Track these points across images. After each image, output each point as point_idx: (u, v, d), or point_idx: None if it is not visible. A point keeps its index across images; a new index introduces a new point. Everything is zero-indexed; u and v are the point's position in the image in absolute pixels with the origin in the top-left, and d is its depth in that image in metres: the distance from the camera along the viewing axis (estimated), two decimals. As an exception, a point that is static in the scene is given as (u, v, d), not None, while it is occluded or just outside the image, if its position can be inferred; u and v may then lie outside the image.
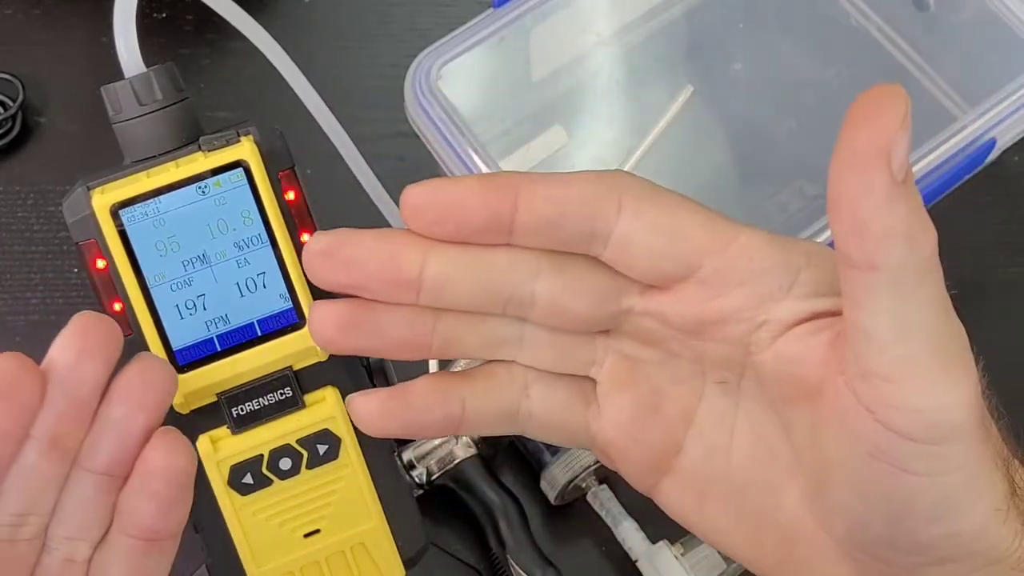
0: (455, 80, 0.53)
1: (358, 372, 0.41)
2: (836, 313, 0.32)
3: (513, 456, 0.54)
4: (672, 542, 0.50)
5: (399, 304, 0.34)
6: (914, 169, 0.51)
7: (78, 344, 0.33)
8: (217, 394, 0.39)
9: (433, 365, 0.54)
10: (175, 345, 0.38)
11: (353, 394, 0.36)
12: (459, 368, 0.50)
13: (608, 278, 0.34)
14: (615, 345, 0.36)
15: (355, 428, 0.40)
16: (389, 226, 0.54)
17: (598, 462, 0.51)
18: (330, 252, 0.34)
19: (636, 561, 0.51)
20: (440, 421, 0.36)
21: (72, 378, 0.33)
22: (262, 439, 0.39)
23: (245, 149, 0.38)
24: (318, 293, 0.39)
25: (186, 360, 0.39)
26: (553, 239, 0.33)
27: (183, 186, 0.38)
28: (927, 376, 0.29)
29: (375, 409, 0.36)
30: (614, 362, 0.36)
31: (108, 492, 0.34)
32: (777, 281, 0.33)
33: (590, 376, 0.36)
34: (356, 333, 0.35)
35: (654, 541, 0.50)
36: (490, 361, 0.36)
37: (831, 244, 0.51)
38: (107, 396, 0.34)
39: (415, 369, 0.53)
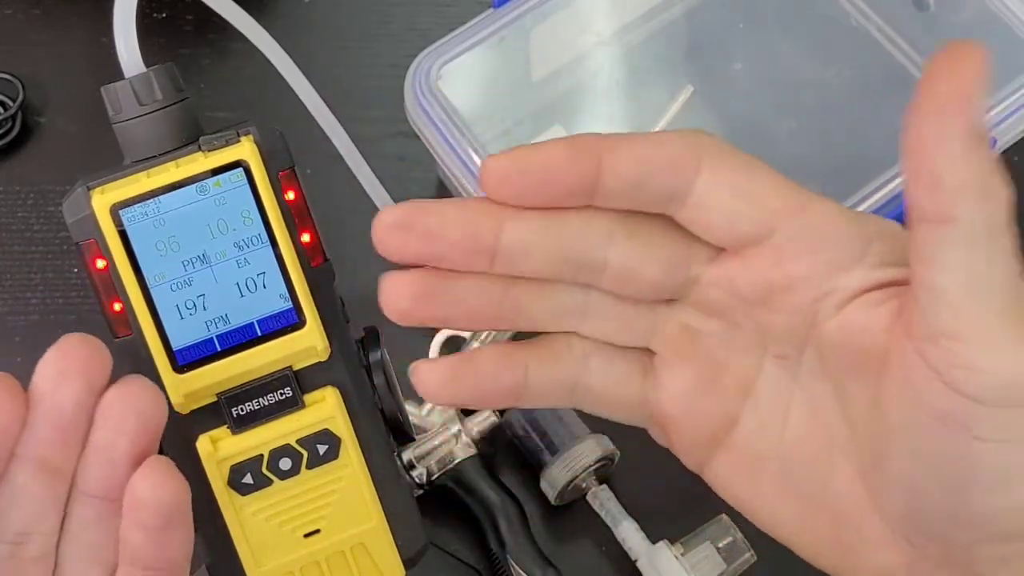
0: (455, 80, 0.53)
1: (358, 372, 0.41)
2: (903, 283, 0.32)
3: (513, 456, 0.54)
4: (672, 542, 0.50)
5: (470, 274, 0.34)
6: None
7: (59, 365, 0.33)
8: (217, 394, 0.39)
9: (434, 350, 0.54)
10: (175, 345, 0.38)
11: (417, 362, 0.36)
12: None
13: (679, 243, 0.34)
14: (677, 315, 0.35)
15: (355, 428, 0.40)
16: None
17: (598, 462, 0.51)
18: (407, 223, 0.34)
19: (636, 561, 0.51)
20: (505, 389, 0.36)
21: (52, 400, 0.33)
22: (262, 439, 0.39)
23: (245, 149, 0.38)
24: (318, 293, 0.39)
25: (186, 360, 0.39)
26: (635, 200, 0.33)
27: (183, 186, 0.38)
28: (998, 335, 0.29)
29: (443, 376, 0.35)
30: (675, 333, 0.36)
31: (110, 516, 0.34)
32: (849, 249, 0.32)
33: (649, 348, 0.36)
34: (431, 303, 0.34)
35: (654, 541, 0.50)
36: (550, 334, 0.36)
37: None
38: (94, 419, 0.34)
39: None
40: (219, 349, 0.39)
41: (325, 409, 0.40)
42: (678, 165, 0.33)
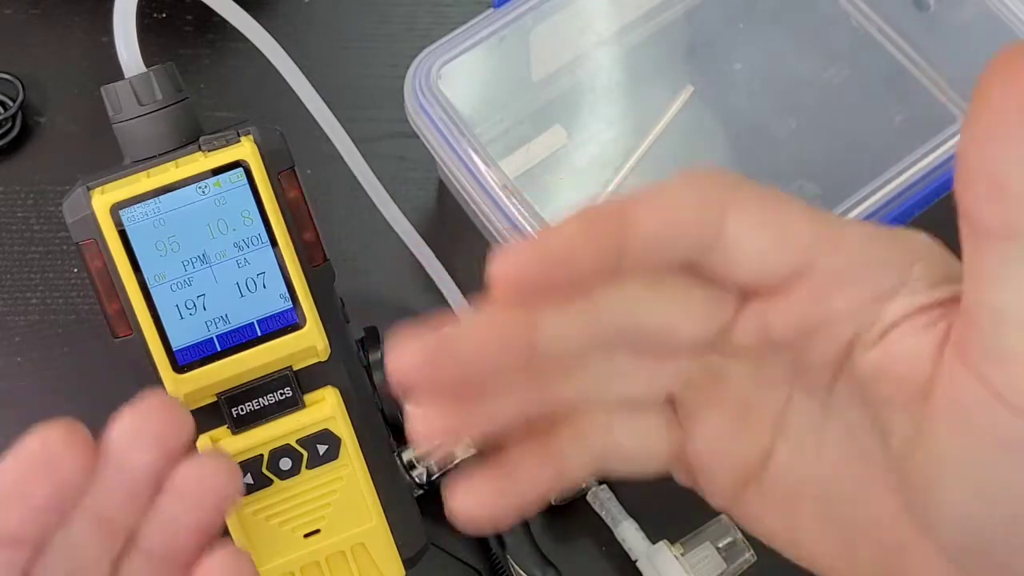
0: (455, 80, 0.53)
1: (358, 372, 0.41)
2: (949, 303, 0.30)
3: (513, 456, 0.54)
4: (672, 542, 0.50)
5: (504, 388, 0.32)
6: (915, 169, 0.51)
7: (137, 426, 0.32)
8: (217, 394, 0.39)
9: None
10: (175, 345, 0.38)
11: (456, 489, 0.33)
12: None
13: (710, 293, 0.32)
14: (702, 362, 0.34)
15: (355, 428, 0.40)
16: (386, 223, 0.54)
17: (598, 462, 0.51)
18: (434, 358, 0.30)
19: (636, 561, 0.51)
20: (545, 489, 0.33)
21: (125, 461, 0.32)
22: (262, 439, 0.39)
23: (245, 149, 0.38)
24: (318, 293, 0.40)
25: (186, 360, 0.39)
26: (663, 259, 0.31)
27: (183, 186, 0.38)
28: None
29: (484, 496, 0.33)
30: (700, 379, 0.34)
31: (163, 573, 0.34)
32: (890, 277, 0.31)
33: (671, 396, 0.35)
34: (467, 425, 0.32)
35: (654, 541, 0.50)
36: (573, 414, 0.34)
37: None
38: (166, 487, 0.33)
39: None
40: (219, 349, 0.39)
41: (325, 409, 0.40)
42: (703, 213, 0.31)
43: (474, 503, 0.32)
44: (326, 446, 0.40)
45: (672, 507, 0.53)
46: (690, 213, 0.31)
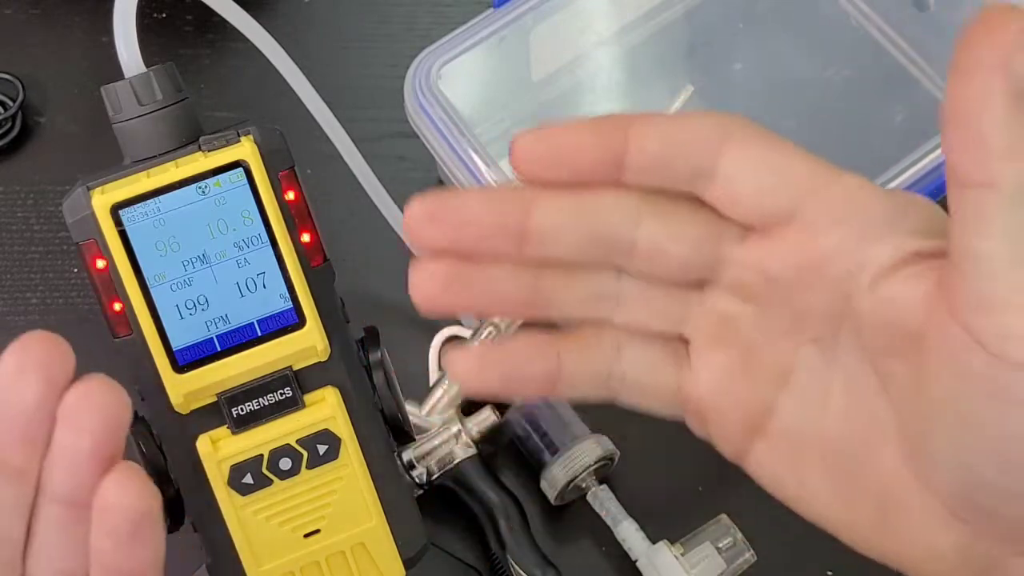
0: (455, 80, 0.53)
1: (358, 372, 0.41)
2: (940, 255, 0.31)
3: (513, 456, 0.54)
4: (672, 542, 0.50)
5: (499, 262, 0.34)
6: (915, 169, 0.52)
7: (18, 362, 0.33)
8: (217, 394, 0.39)
9: (434, 350, 0.54)
10: (175, 345, 0.38)
11: (450, 349, 0.36)
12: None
13: (708, 222, 0.34)
14: (709, 301, 0.35)
15: (355, 428, 0.40)
16: (386, 223, 0.55)
17: (598, 462, 0.51)
18: (436, 214, 0.33)
19: (636, 561, 0.51)
20: (538, 376, 0.35)
21: (10, 398, 0.32)
22: (262, 439, 0.39)
23: (245, 149, 0.38)
24: (318, 293, 0.40)
25: (186, 360, 0.39)
26: (661, 177, 0.33)
27: (183, 186, 0.38)
28: None
29: (474, 361, 0.35)
30: (708, 318, 0.35)
31: (78, 522, 0.33)
32: (880, 219, 0.32)
33: (683, 336, 0.36)
34: (461, 290, 0.34)
35: (654, 541, 0.50)
36: (581, 325, 0.36)
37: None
38: (56, 419, 0.33)
39: (413, 370, 0.53)
40: (219, 349, 0.39)
41: (325, 409, 0.40)
42: (703, 141, 0.33)
43: (462, 361, 0.35)
44: (326, 446, 0.40)
45: (672, 507, 0.53)
46: (689, 140, 0.33)
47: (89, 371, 0.54)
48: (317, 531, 0.41)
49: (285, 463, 0.40)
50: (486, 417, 0.52)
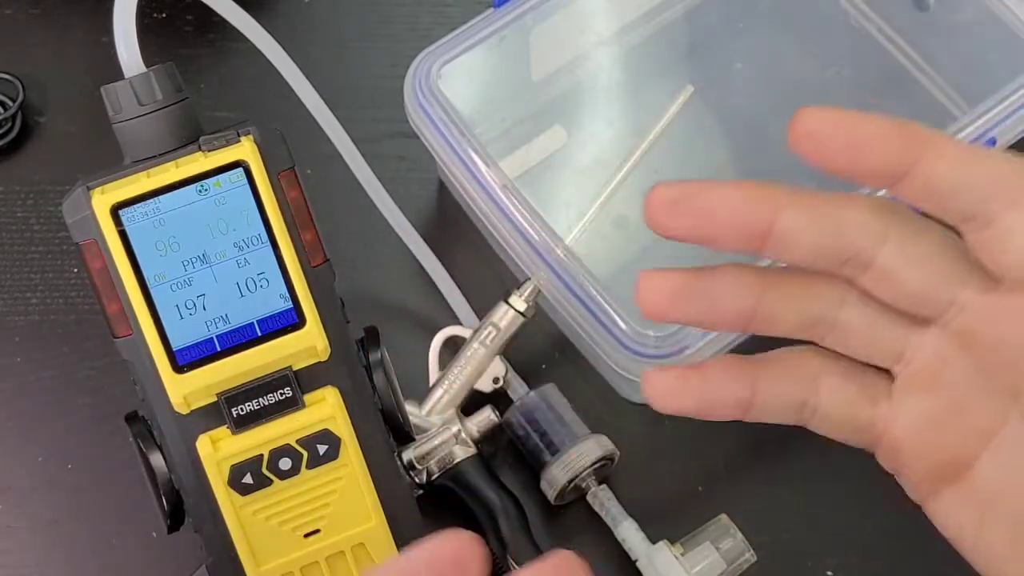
0: (455, 80, 0.53)
1: (358, 372, 0.41)
2: None
3: (513, 456, 0.54)
4: (672, 542, 0.50)
5: (729, 274, 0.34)
6: (915, 170, 0.51)
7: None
8: (217, 394, 0.39)
9: (435, 350, 0.54)
10: (175, 345, 0.38)
11: (648, 370, 0.36)
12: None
13: (957, 261, 0.33)
14: (930, 342, 0.34)
15: (355, 428, 0.40)
16: (386, 223, 0.55)
17: (598, 462, 0.51)
18: (681, 200, 0.33)
19: (636, 561, 0.51)
20: (732, 402, 0.35)
21: None
22: (262, 439, 0.39)
23: (245, 149, 0.38)
24: (318, 293, 0.40)
25: (186, 360, 0.39)
26: (938, 205, 0.32)
27: (183, 186, 0.38)
28: None
29: (672, 383, 0.35)
30: (922, 360, 0.34)
31: None
32: None
33: (890, 371, 0.35)
34: (686, 302, 0.34)
35: (654, 541, 0.50)
36: (782, 352, 0.36)
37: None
38: None
39: (413, 370, 0.53)
40: (219, 349, 0.39)
41: (325, 409, 0.40)
42: (999, 187, 0.31)
43: (660, 383, 0.36)
44: (326, 446, 0.40)
45: (672, 507, 0.53)
46: (983, 180, 0.32)
47: (88, 371, 0.55)
48: (317, 531, 0.41)
49: (285, 463, 0.40)
50: (486, 417, 0.52)
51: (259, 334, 0.39)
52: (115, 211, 0.38)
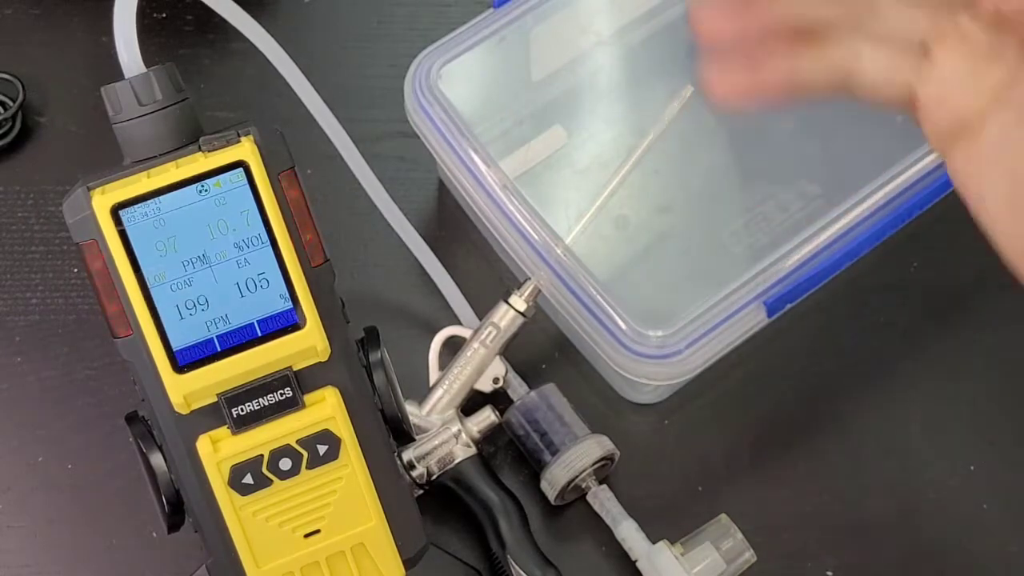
0: (455, 80, 0.53)
1: (358, 372, 0.41)
2: None
3: (513, 456, 0.54)
4: (672, 542, 0.50)
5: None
6: (915, 169, 0.51)
7: None
8: (217, 394, 0.39)
9: (434, 349, 0.54)
10: (175, 345, 0.38)
11: (709, 69, 0.39)
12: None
13: None
14: (964, 21, 0.37)
15: (355, 428, 0.40)
16: (387, 223, 0.55)
17: (598, 462, 0.51)
18: None
19: (636, 561, 0.51)
20: (778, 81, 0.39)
21: None
22: (262, 439, 0.39)
23: (245, 149, 0.38)
24: (318, 293, 0.39)
25: (186, 360, 0.39)
26: None
27: (183, 186, 0.38)
28: None
29: (729, 71, 0.39)
30: (952, 33, 0.38)
31: None
32: None
33: (926, 45, 0.38)
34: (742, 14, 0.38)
35: (654, 541, 0.50)
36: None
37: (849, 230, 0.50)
38: None
39: (413, 370, 0.53)
40: (219, 349, 0.39)
41: (325, 409, 0.40)
42: None
43: (718, 76, 0.39)
44: (326, 446, 0.40)
45: (672, 507, 0.53)
46: None
47: (88, 371, 0.55)
48: (317, 531, 0.41)
49: (285, 463, 0.40)
50: (486, 417, 0.52)
51: (259, 334, 0.39)
52: (115, 211, 0.38)
